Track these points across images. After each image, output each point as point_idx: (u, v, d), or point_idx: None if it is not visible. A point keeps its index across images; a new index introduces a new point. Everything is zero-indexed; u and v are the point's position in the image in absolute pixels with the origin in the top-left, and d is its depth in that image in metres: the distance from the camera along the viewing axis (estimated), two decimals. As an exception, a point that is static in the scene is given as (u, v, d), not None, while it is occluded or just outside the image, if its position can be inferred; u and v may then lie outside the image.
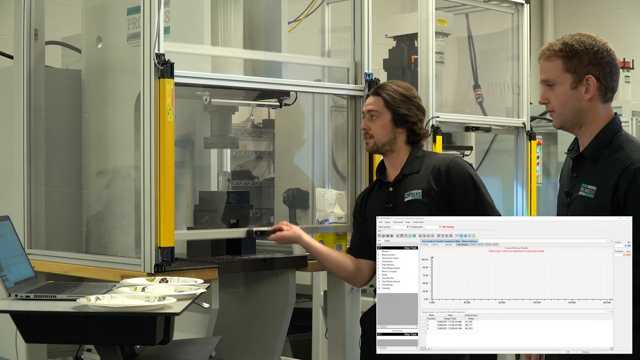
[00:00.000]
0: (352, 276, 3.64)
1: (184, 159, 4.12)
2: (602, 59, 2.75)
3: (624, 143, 2.72)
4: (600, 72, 2.75)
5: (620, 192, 2.62)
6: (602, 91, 2.76)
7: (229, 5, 3.86)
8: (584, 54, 2.75)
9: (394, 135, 3.54)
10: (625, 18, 8.32)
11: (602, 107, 2.78)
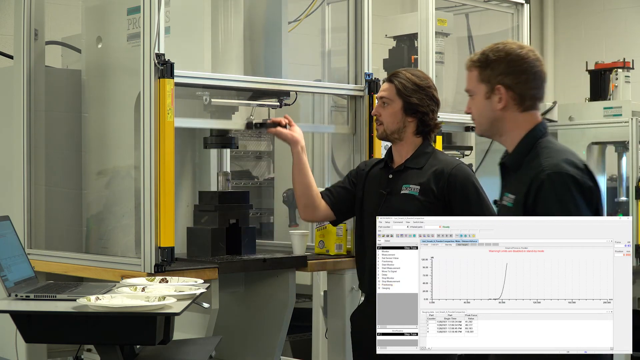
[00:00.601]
0: (309, 205, 3.58)
1: (184, 159, 4.12)
2: (516, 67, 2.71)
3: (541, 150, 2.68)
4: (513, 82, 2.71)
5: (530, 201, 2.59)
6: (517, 100, 2.71)
7: (229, 5, 3.86)
8: (496, 64, 2.72)
9: (404, 124, 3.49)
10: (625, 18, 8.32)
11: (522, 116, 2.73)
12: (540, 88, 2.74)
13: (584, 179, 2.57)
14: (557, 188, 2.56)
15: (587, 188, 2.57)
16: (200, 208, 3.82)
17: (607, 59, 6.82)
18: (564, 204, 2.55)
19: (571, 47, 8.59)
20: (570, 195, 2.56)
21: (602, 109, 6.25)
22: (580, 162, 2.60)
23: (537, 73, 2.73)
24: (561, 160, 2.60)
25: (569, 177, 2.56)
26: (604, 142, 6.30)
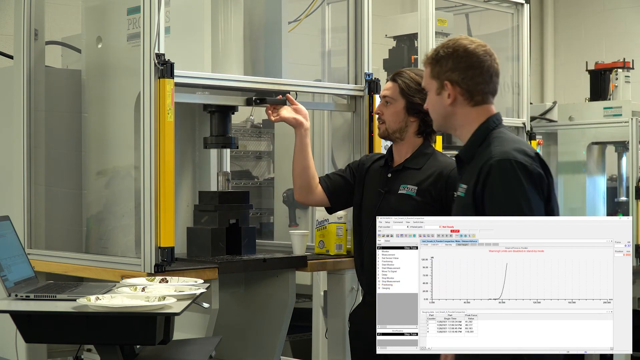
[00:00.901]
0: (304, 187, 3.61)
1: (184, 159, 4.12)
2: (463, 63, 2.73)
3: (493, 139, 2.69)
4: (460, 77, 2.73)
5: (478, 188, 2.60)
6: (466, 95, 2.74)
7: (229, 5, 3.86)
8: (445, 60, 2.75)
9: (406, 124, 3.48)
10: (625, 18, 8.32)
11: (473, 111, 2.75)
12: (489, 82, 2.76)
13: (533, 166, 2.57)
14: (503, 174, 2.56)
15: (537, 174, 2.57)
16: (200, 208, 3.82)
17: (607, 59, 6.82)
18: (511, 189, 2.56)
19: (571, 47, 8.59)
20: (517, 181, 2.55)
21: (602, 109, 6.25)
22: (531, 151, 2.62)
23: (486, 68, 2.74)
24: (511, 148, 2.61)
25: (517, 163, 2.56)
26: (604, 142, 6.30)
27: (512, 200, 2.56)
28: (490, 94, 2.78)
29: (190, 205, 4.04)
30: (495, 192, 2.58)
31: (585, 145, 6.26)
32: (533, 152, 2.62)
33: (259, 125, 6.26)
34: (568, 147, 6.34)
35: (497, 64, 2.78)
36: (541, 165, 2.60)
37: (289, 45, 4.06)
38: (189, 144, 4.13)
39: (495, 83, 2.79)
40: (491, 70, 2.76)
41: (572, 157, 6.32)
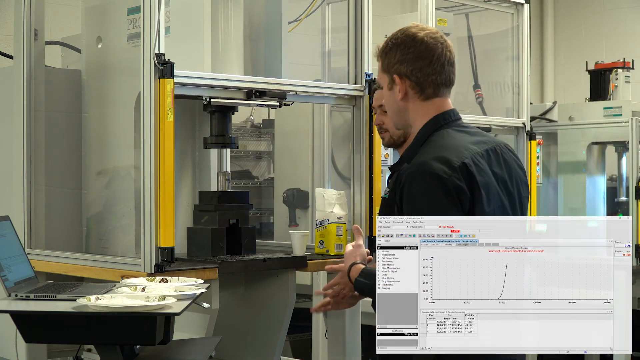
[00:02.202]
0: None
1: (184, 159, 4.12)
2: (410, 53, 2.53)
3: (427, 144, 2.54)
4: (408, 69, 2.53)
5: (397, 197, 2.53)
6: (417, 89, 2.54)
7: (229, 5, 3.86)
8: (392, 52, 2.56)
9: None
10: (625, 18, 8.32)
11: (424, 105, 2.56)
12: (442, 73, 2.54)
13: (452, 178, 2.42)
14: (415, 185, 2.46)
15: (454, 187, 2.42)
16: (200, 208, 3.82)
17: (607, 59, 6.83)
18: (420, 201, 2.47)
19: (571, 47, 8.59)
20: (427, 193, 2.45)
21: (602, 109, 6.25)
22: (457, 160, 2.44)
23: (437, 56, 2.53)
24: (433, 157, 2.45)
25: (431, 174, 2.43)
26: (604, 142, 6.30)
27: (418, 211, 2.45)
28: (443, 86, 2.56)
29: (190, 205, 4.04)
30: (405, 204, 2.50)
31: (585, 145, 6.26)
32: (460, 162, 2.44)
33: (259, 125, 6.26)
34: (568, 147, 6.34)
35: (450, 52, 2.55)
36: (467, 177, 2.44)
37: (289, 45, 4.06)
38: (189, 144, 4.13)
39: (449, 72, 2.55)
40: (442, 59, 2.54)
41: (572, 157, 6.32)
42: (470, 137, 2.57)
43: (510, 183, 2.59)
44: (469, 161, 2.46)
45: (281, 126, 5.23)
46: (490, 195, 2.51)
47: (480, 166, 2.49)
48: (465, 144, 2.53)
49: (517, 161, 2.68)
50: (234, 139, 3.87)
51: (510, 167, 2.61)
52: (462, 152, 2.48)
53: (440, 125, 2.57)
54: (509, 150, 2.64)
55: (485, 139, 2.60)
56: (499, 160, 2.58)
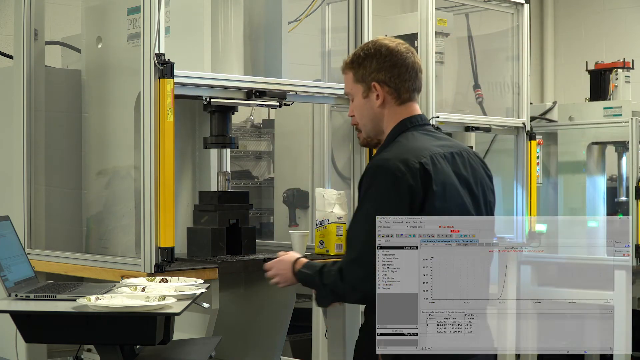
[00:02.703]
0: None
1: (184, 159, 4.12)
2: (386, 62, 2.74)
3: (392, 144, 2.69)
4: (386, 76, 2.74)
5: (361, 193, 2.65)
6: (394, 94, 2.75)
7: (229, 5, 3.86)
8: (368, 62, 2.75)
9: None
10: (625, 18, 8.32)
11: (399, 109, 2.76)
12: (414, 79, 2.77)
13: (405, 177, 2.55)
14: (372, 179, 2.60)
15: (407, 186, 2.55)
16: (200, 208, 3.83)
17: (607, 59, 6.82)
18: (370, 193, 2.59)
19: (571, 47, 8.59)
20: (379, 188, 2.58)
21: (602, 109, 6.25)
22: (415, 161, 2.58)
23: (410, 64, 2.76)
24: (392, 157, 2.61)
25: (387, 170, 2.57)
26: (604, 142, 6.30)
27: (367, 204, 2.58)
28: (415, 92, 2.78)
29: (190, 205, 4.04)
30: (361, 198, 2.63)
31: (585, 145, 6.26)
32: (418, 162, 2.58)
33: (259, 125, 6.26)
34: (568, 147, 6.34)
35: (419, 60, 2.79)
36: (423, 176, 2.56)
37: (289, 45, 4.06)
38: (189, 144, 4.13)
39: (420, 80, 2.79)
40: (415, 66, 2.78)
41: (572, 157, 6.32)
42: (435, 141, 2.72)
43: (475, 186, 2.71)
44: (426, 160, 2.60)
45: (281, 126, 5.22)
46: (448, 193, 2.60)
47: (439, 166, 2.62)
48: (427, 145, 2.67)
49: (485, 168, 2.81)
50: (234, 139, 3.87)
51: (475, 172, 2.73)
52: (421, 152, 2.62)
53: (407, 127, 2.75)
54: (477, 157, 2.80)
55: (451, 144, 2.75)
56: (465, 164, 2.71)
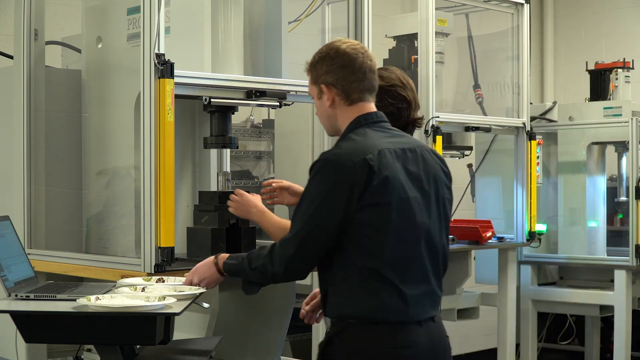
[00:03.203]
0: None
1: (184, 159, 4.12)
2: (334, 64, 2.81)
3: (345, 139, 2.77)
4: (334, 78, 2.80)
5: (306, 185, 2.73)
6: (343, 95, 2.80)
7: (229, 5, 3.86)
8: (318, 64, 2.84)
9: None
10: (625, 18, 8.31)
11: (350, 110, 2.81)
12: (364, 80, 2.80)
13: (347, 171, 2.63)
14: (314, 174, 2.69)
15: (348, 180, 2.63)
16: (200, 208, 3.82)
17: (607, 59, 6.83)
18: (312, 183, 2.69)
19: (571, 47, 8.59)
20: (321, 179, 2.67)
21: (602, 109, 6.25)
22: (360, 155, 2.65)
23: (358, 65, 2.79)
24: (340, 151, 2.69)
25: (330, 165, 2.66)
26: (604, 142, 6.30)
27: (307, 194, 2.70)
28: (366, 92, 2.81)
29: (190, 205, 4.04)
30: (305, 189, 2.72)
31: (585, 145, 6.26)
32: (363, 157, 2.65)
33: (259, 125, 6.26)
34: (568, 147, 6.34)
35: (370, 61, 2.81)
36: (367, 171, 2.63)
37: (289, 45, 4.06)
38: (189, 144, 4.13)
39: (370, 80, 2.82)
40: (364, 67, 2.80)
41: (572, 157, 6.32)
42: (387, 137, 2.78)
43: (426, 181, 2.77)
44: (371, 156, 2.66)
45: (281, 126, 5.23)
46: (391, 187, 2.67)
47: (384, 161, 2.68)
48: (376, 141, 2.74)
49: (442, 165, 2.87)
50: (234, 139, 3.87)
51: (428, 167, 2.80)
52: (368, 149, 2.69)
53: (361, 124, 2.80)
54: (433, 154, 2.86)
55: (405, 140, 2.82)
56: (417, 159, 2.77)
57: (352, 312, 2.69)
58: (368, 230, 2.65)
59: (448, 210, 2.85)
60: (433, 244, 2.76)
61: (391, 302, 2.67)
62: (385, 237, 2.66)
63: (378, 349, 2.65)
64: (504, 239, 5.58)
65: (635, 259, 5.77)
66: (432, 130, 4.95)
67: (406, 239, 2.69)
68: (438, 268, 2.80)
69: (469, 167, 6.44)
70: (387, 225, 2.65)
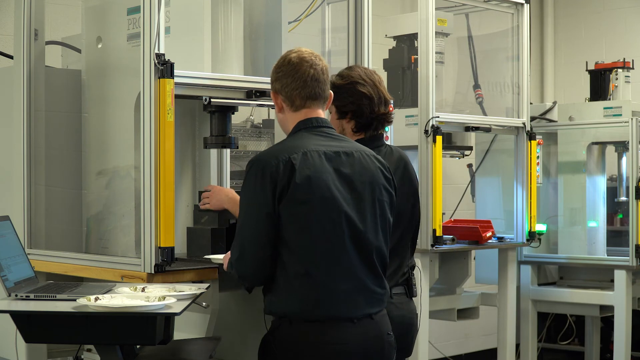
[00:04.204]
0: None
1: (184, 159, 4.12)
2: (280, 72, 2.98)
3: (280, 142, 2.96)
4: (280, 85, 2.98)
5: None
6: (287, 102, 2.98)
7: (229, 5, 3.86)
8: (272, 74, 3.02)
9: (342, 127, 3.47)
10: (625, 18, 8.31)
11: (294, 115, 2.99)
12: (305, 87, 2.95)
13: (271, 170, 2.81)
14: (246, 172, 2.89)
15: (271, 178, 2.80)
16: (200, 208, 3.82)
17: (607, 59, 6.83)
18: (244, 185, 2.88)
19: (571, 47, 8.59)
20: (249, 179, 2.86)
21: (602, 109, 6.25)
22: (285, 155, 2.83)
23: (300, 74, 2.94)
24: (271, 151, 2.90)
25: (257, 164, 2.85)
26: (604, 142, 6.30)
27: (241, 197, 2.91)
28: (309, 99, 2.96)
29: (190, 205, 4.04)
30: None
31: (585, 145, 6.26)
32: (288, 156, 2.82)
33: (259, 125, 6.26)
34: (568, 147, 6.34)
35: (314, 70, 2.95)
36: (289, 170, 2.80)
37: (289, 45, 4.06)
38: (189, 144, 4.13)
39: (312, 87, 2.95)
40: (305, 75, 2.94)
41: (572, 157, 6.33)
42: (322, 140, 2.94)
43: (360, 183, 2.90)
44: (295, 156, 2.83)
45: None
46: (314, 186, 2.81)
47: (310, 161, 2.83)
48: (306, 143, 2.89)
49: (383, 170, 3.00)
50: (234, 139, 3.86)
51: (365, 171, 2.93)
52: (294, 150, 2.86)
53: (300, 128, 2.97)
54: (374, 158, 3.00)
55: (342, 144, 2.97)
56: (353, 162, 2.91)
57: (284, 310, 2.86)
58: (292, 227, 2.80)
59: (386, 212, 2.97)
60: (364, 243, 2.87)
61: (318, 299, 2.80)
62: (308, 234, 2.80)
63: (308, 345, 2.79)
64: (504, 239, 5.58)
65: (635, 259, 5.77)
66: (432, 130, 4.95)
67: (329, 237, 2.81)
68: (373, 266, 2.90)
69: (469, 167, 6.45)
70: (309, 223, 2.80)
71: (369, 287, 2.87)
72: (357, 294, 2.85)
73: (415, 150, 5.06)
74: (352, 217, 2.85)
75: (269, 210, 2.80)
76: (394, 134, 4.92)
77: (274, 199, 2.80)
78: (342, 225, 2.82)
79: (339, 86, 3.43)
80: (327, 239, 2.81)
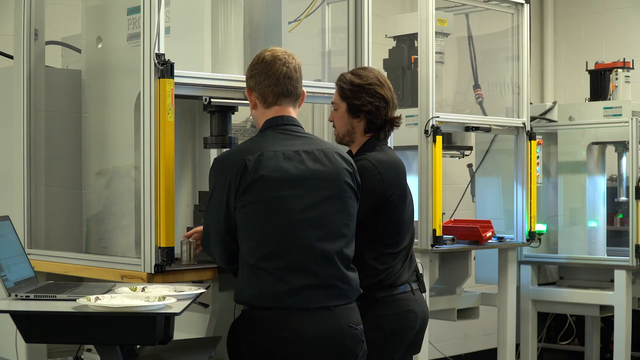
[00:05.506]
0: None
1: (184, 159, 4.12)
2: (253, 70, 3.11)
3: (244, 141, 3.11)
4: (253, 82, 3.11)
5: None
6: (260, 99, 3.11)
7: (229, 5, 3.86)
8: (248, 72, 3.14)
9: (352, 126, 3.50)
10: (625, 18, 8.31)
11: (267, 112, 3.11)
12: (277, 85, 3.06)
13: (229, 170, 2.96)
14: (210, 171, 3.07)
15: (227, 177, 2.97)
16: (200, 208, 3.82)
17: (607, 59, 6.83)
18: (209, 183, 3.07)
19: (571, 47, 8.59)
20: (211, 177, 3.06)
21: (602, 109, 6.25)
22: (241, 156, 2.98)
23: (272, 72, 3.06)
24: (232, 152, 3.09)
25: (219, 163, 3.03)
26: (604, 142, 6.30)
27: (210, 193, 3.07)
28: (282, 96, 3.08)
29: (190, 205, 4.04)
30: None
31: (585, 145, 6.26)
32: (244, 157, 2.97)
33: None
34: (568, 147, 6.34)
35: (286, 68, 3.06)
36: (243, 169, 2.95)
37: (289, 45, 4.06)
38: (189, 144, 4.13)
39: (284, 85, 3.06)
40: (278, 73, 3.05)
41: (572, 157, 6.33)
42: (285, 140, 3.05)
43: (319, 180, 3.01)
44: (250, 157, 2.97)
45: (281, 126, 5.21)
46: (267, 185, 2.94)
47: (264, 162, 2.96)
48: (267, 144, 3.01)
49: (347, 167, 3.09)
50: (234, 139, 3.86)
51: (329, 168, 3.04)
52: (251, 150, 2.99)
53: (266, 127, 3.09)
54: (339, 156, 3.10)
55: (304, 142, 3.07)
56: (316, 160, 3.02)
57: (245, 298, 3.00)
58: (247, 224, 2.96)
59: (350, 207, 3.06)
60: (319, 240, 2.97)
61: (272, 291, 2.93)
62: (260, 232, 2.94)
63: (264, 332, 2.92)
64: (504, 239, 5.58)
65: (635, 259, 5.77)
66: (432, 130, 4.95)
67: (281, 233, 2.94)
68: (332, 262, 2.99)
69: (469, 167, 6.45)
70: (261, 221, 2.93)
71: (326, 280, 2.97)
72: (312, 289, 2.95)
73: (416, 151, 5.06)
74: (307, 215, 2.96)
75: (225, 210, 2.99)
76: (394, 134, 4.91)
77: (228, 199, 2.97)
78: (295, 222, 2.95)
79: (358, 85, 3.46)
80: (278, 237, 2.94)
